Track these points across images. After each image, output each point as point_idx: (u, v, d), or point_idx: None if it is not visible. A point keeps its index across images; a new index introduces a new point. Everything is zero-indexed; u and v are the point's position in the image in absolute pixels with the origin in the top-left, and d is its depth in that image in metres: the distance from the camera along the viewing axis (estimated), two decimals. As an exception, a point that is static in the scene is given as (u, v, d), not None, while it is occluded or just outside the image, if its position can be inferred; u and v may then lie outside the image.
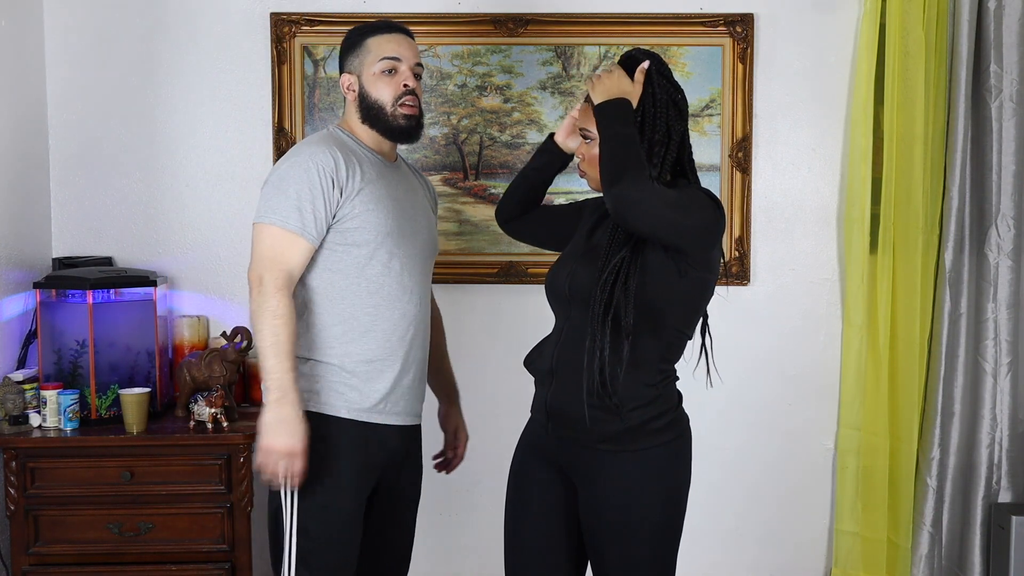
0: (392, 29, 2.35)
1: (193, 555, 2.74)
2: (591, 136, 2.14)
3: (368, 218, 2.23)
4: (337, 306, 2.25)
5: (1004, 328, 3.13)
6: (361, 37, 2.34)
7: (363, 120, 2.33)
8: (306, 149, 2.24)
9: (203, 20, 3.15)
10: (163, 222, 3.19)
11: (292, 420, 2.14)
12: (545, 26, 3.13)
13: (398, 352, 2.29)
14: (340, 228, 2.23)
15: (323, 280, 2.25)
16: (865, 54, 3.09)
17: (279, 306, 2.15)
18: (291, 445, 2.14)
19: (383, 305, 2.27)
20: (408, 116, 2.31)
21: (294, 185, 2.19)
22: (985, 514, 3.15)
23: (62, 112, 3.16)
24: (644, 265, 2.04)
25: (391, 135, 2.34)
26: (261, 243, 2.20)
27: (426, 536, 3.24)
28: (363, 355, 2.25)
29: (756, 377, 3.26)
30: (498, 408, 3.24)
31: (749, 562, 3.30)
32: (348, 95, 2.35)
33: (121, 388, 2.80)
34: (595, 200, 2.33)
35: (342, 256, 2.24)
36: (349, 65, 2.34)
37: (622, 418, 2.06)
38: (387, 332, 2.27)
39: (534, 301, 3.10)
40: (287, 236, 2.18)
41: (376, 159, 2.33)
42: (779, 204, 3.21)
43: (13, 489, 2.70)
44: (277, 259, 2.18)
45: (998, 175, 3.10)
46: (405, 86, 2.30)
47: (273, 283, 2.16)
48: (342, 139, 2.31)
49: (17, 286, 2.94)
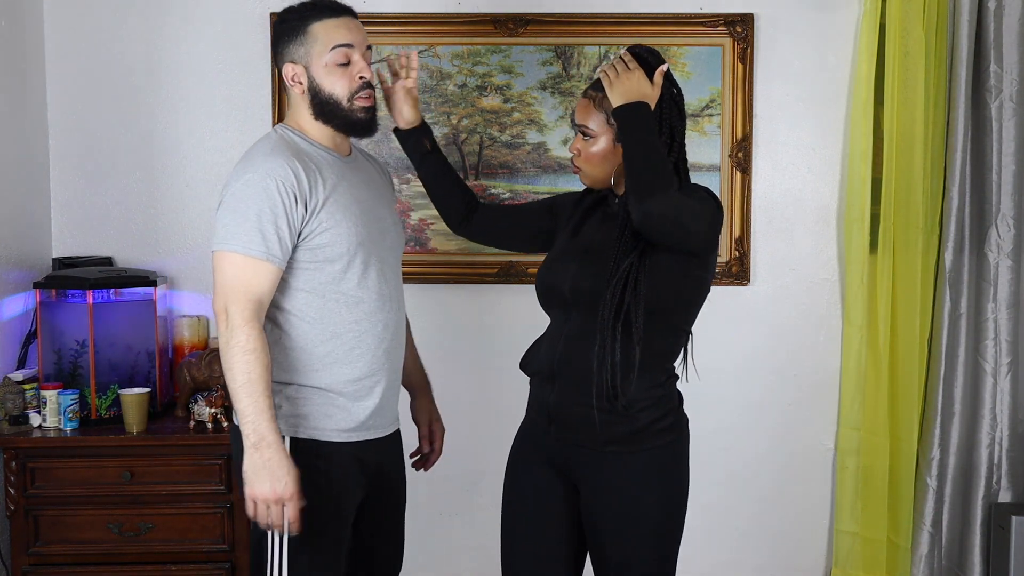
0: (337, 11, 2.14)
1: (193, 555, 2.75)
2: (591, 133, 2.12)
3: (337, 231, 2.08)
4: (317, 327, 2.10)
5: (1004, 328, 3.13)
6: (302, 22, 2.12)
7: (316, 116, 2.14)
8: (261, 163, 2.04)
9: (203, 20, 3.15)
10: (163, 222, 3.19)
11: (275, 464, 1.97)
12: (545, 26, 3.13)
13: (384, 364, 2.18)
14: (308, 245, 2.07)
15: (298, 301, 2.10)
16: (865, 54, 3.09)
17: (248, 340, 1.98)
18: (278, 491, 1.97)
19: (364, 319, 2.13)
20: (366, 108, 2.14)
21: (253, 206, 2.00)
22: (985, 514, 3.14)
23: (62, 112, 3.16)
24: (652, 267, 2.04)
25: (349, 130, 2.17)
26: (223, 272, 2.02)
27: (426, 536, 3.25)
28: (351, 375, 2.13)
29: (756, 377, 3.26)
30: (498, 408, 3.24)
31: (749, 562, 3.30)
32: (295, 88, 2.14)
33: (121, 388, 2.81)
34: (568, 196, 2.32)
35: (315, 274, 2.09)
36: (292, 54, 2.13)
37: (630, 419, 2.06)
38: (372, 347, 2.15)
39: (534, 301, 3.11)
40: (251, 263, 2.00)
41: (333, 159, 2.16)
42: (779, 204, 3.21)
43: (13, 489, 2.70)
44: (242, 289, 2.00)
45: (998, 175, 3.10)
46: (361, 78, 2.13)
47: (240, 315, 1.99)
48: (295, 143, 2.13)
49: (17, 286, 2.95)
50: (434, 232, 3.19)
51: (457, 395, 3.24)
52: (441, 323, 3.22)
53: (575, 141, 2.17)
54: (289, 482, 1.98)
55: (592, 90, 2.14)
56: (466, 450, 3.22)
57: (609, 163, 2.13)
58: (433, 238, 3.19)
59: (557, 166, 3.18)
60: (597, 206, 2.25)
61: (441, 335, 3.23)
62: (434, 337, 3.23)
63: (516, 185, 3.18)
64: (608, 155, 2.12)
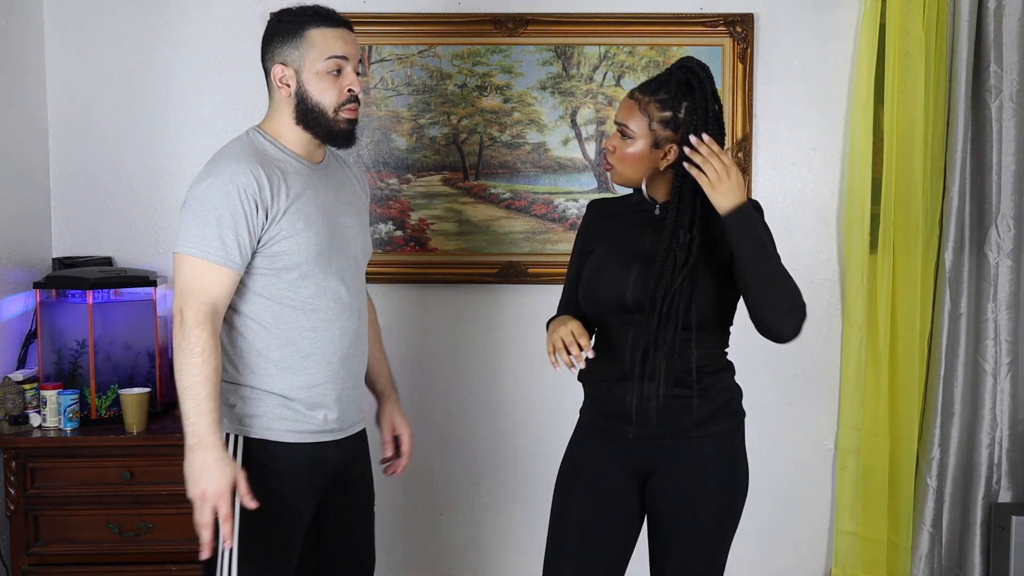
0: (337, 22, 2.14)
1: (193, 555, 2.70)
2: (630, 134, 2.13)
3: (297, 240, 2.08)
4: (272, 332, 2.11)
5: (1004, 328, 3.13)
6: (301, 26, 2.11)
7: (297, 122, 2.14)
8: (225, 168, 2.06)
9: (203, 20, 3.15)
10: (163, 222, 3.19)
11: (210, 464, 1.99)
12: (545, 26, 3.13)
13: (340, 373, 2.17)
14: (267, 252, 2.08)
15: (255, 306, 2.11)
16: (865, 54, 3.09)
17: (198, 342, 2.00)
18: (211, 489, 1.99)
19: (321, 327, 2.13)
20: (350, 120, 2.14)
21: (214, 210, 2.02)
22: (985, 514, 3.15)
23: (62, 112, 3.16)
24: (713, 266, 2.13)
25: (330, 139, 2.16)
26: (181, 274, 2.05)
27: (426, 536, 3.25)
28: (304, 382, 2.13)
29: (756, 377, 3.25)
30: (497, 408, 3.24)
31: (749, 562, 3.29)
32: (281, 90, 2.13)
33: (121, 388, 2.81)
34: (591, 217, 2.32)
35: (272, 281, 2.10)
36: (284, 55, 2.12)
37: (710, 400, 2.17)
38: (327, 354, 2.15)
39: (534, 301, 3.11)
40: (209, 267, 2.02)
41: (302, 166, 2.15)
42: (779, 204, 3.21)
43: (13, 489, 2.70)
44: (199, 292, 2.02)
45: (998, 175, 3.10)
46: (350, 91, 2.13)
47: (193, 317, 2.01)
48: (263, 149, 2.13)
49: (17, 286, 2.95)
50: (434, 232, 3.19)
51: (457, 395, 3.25)
52: (441, 323, 3.23)
53: (612, 138, 2.18)
54: (220, 483, 1.99)
55: (639, 92, 2.15)
56: (466, 450, 3.23)
57: (643, 166, 2.15)
58: (433, 238, 3.19)
59: (557, 166, 3.18)
60: (631, 211, 2.25)
61: (441, 335, 3.23)
62: (434, 337, 3.24)
63: (516, 185, 3.18)
64: (644, 158, 2.14)
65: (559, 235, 3.17)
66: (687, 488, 2.18)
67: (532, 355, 3.21)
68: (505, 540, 3.27)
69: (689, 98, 2.10)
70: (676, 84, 2.11)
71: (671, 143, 2.12)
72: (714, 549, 2.22)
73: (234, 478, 2.02)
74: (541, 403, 3.21)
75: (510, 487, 3.26)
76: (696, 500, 2.18)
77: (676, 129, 2.11)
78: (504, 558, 3.27)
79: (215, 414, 2.01)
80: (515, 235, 3.19)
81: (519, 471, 3.24)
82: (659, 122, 2.11)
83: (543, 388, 3.19)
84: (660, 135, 2.12)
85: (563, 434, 2.34)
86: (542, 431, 3.16)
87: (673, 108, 2.10)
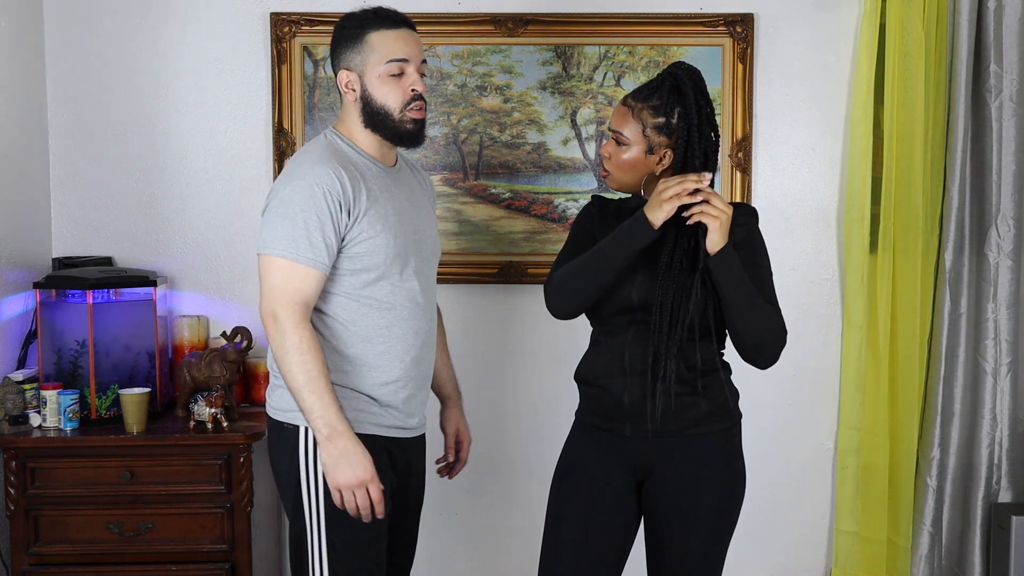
0: (398, 23, 2.17)
1: (193, 555, 2.75)
2: (624, 140, 2.16)
3: (376, 241, 2.13)
4: (349, 330, 2.16)
5: (1004, 328, 3.13)
6: (362, 30, 2.15)
7: (366, 125, 2.19)
8: (309, 170, 2.10)
9: (203, 20, 3.15)
10: (163, 222, 3.19)
11: (350, 451, 2.05)
12: (545, 26, 3.13)
13: (412, 372, 2.22)
14: (348, 253, 2.13)
15: (333, 305, 2.16)
16: (865, 54, 3.09)
17: (302, 340, 2.05)
18: (359, 476, 2.06)
19: (396, 325, 2.18)
20: (416, 120, 2.18)
21: (301, 212, 2.06)
22: (985, 514, 3.15)
23: (62, 112, 3.16)
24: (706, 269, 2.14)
25: (397, 140, 2.21)
26: (271, 276, 2.08)
27: (426, 536, 3.24)
28: (379, 379, 2.18)
29: (756, 377, 3.25)
30: (498, 409, 3.24)
31: (749, 562, 3.30)
32: (348, 95, 2.19)
33: (121, 388, 2.80)
34: (593, 208, 2.32)
35: (352, 280, 2.15)
36: (348, 61, 2.17)
37: (709, 399, 2.18)
38: (401, 353, 2.20)
39: (534, 301, 3.11)
40: (298, 268, 2.06)
41: (378, 169, 2.21)
42: (779, 204, 3.21)
43: (13, 489, 2.70)
44: (291, 293, 2.06)
45: (998, 175, 3.10)
46: (413, 91, 2.17)
47: (290, 318, 2.05)
48: (343, 151, 2.18)
49: (17, 286, 2.95)
50: (434, 232, 3.19)
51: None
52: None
53: (607, 145, 2.21)
54: (367, 466, 2.06)
55: (632, 99, 2.18)
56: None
57: (639, 171, 2.19)
58: (433, 238, 3.19)
59: (557, 166, 3.18)
60: (631, 214, 2.25)
61: (441, 335, 3.23)
62: (434, 337, 3.24)
63: (516, 185, 3.18)
64: (639, 163, 2.17)
65: (559, 235, 3.17)
66: (684, 489, 2.19)
67: (532, 355, 3.22)
68: (504, 540, 3.27)
69: (681, 103, 2.13)
70: (668, 90, 2.14)
71: (665, 148, 2.15)
72: (711, 550, 2.22)
73: (371, 465, 2.08)
74: (540, 403, 3.21)
75: (509, 487, 3.26)
76: (693, 501, 2.19)
77: (670, 134, 2.14)
78: (503, 558, 3.27)
79: (338, 403, 2.07)
80: (515, 235, 3.19)
81: (518, 471, 3.24)
82: (653, 128, 2.15)
83: (542, 388, 3.20)
84: (654, 140, 2.15)
85: (562, 434, 2.35)
86: (541, 431, 3.16)
87: (666, 114, 2.14)
